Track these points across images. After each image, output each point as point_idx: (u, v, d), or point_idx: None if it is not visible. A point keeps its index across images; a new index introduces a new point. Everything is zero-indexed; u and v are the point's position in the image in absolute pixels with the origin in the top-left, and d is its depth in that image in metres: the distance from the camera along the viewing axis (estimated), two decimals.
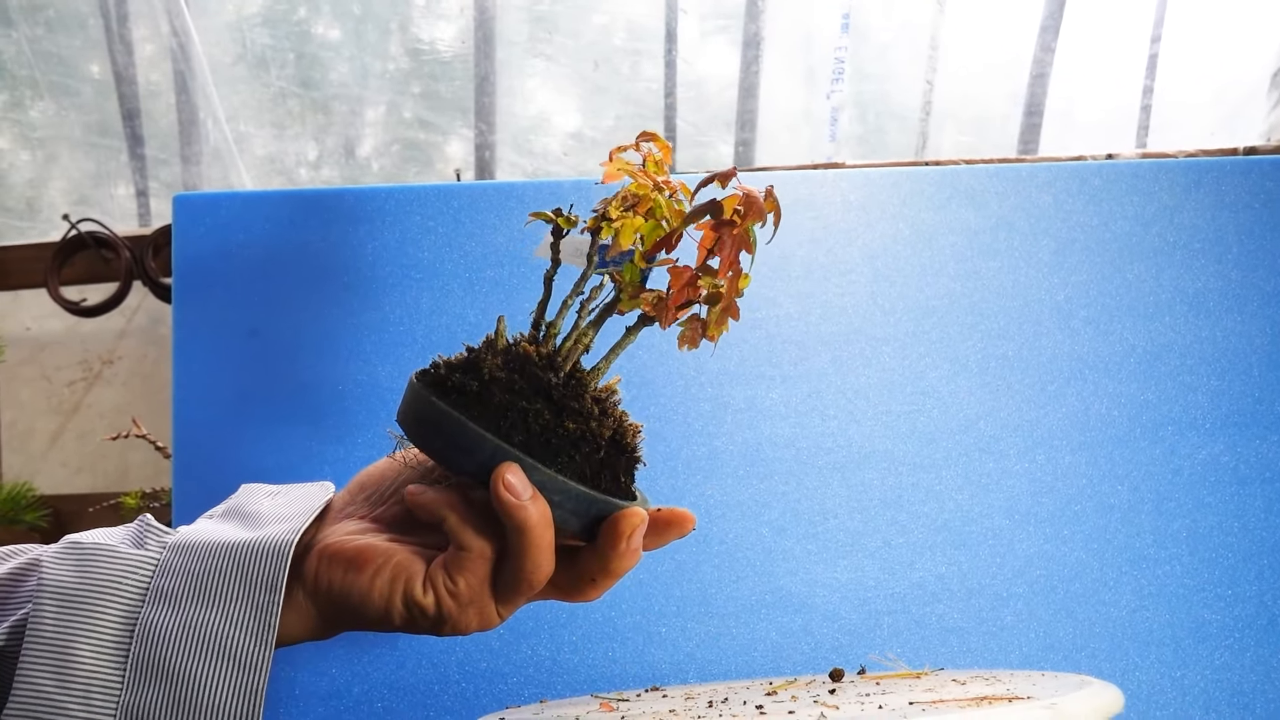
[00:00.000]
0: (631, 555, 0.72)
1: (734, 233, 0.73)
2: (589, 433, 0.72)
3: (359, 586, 0.71)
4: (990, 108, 2.40)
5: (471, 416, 0.70)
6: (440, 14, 2.40)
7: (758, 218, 0.73)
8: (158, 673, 0.67)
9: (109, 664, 0.67)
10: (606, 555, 0.71)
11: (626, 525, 0.71)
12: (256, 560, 0.70)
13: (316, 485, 0.84)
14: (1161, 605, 1.30)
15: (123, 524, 0.78)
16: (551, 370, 0.73)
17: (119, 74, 2.31)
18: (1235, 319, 1.35)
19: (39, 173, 2.43)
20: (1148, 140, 2.39)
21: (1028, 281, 1.36)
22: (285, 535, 0.72)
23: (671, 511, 0.76)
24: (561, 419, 0.71)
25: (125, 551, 0.71)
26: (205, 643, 0.67)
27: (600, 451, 0.72)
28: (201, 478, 1.31)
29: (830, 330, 1.34)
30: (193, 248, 1.35)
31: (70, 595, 0.68)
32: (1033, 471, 1.32)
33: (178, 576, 0.70)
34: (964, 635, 1.28)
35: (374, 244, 1.34)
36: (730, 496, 1.30)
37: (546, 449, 0.71)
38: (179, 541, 0.73)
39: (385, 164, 2.49)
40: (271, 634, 0.68)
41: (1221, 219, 1.37)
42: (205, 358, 1.32)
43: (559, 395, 0.72)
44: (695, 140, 2.38)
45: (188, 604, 0.69)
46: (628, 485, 0.75)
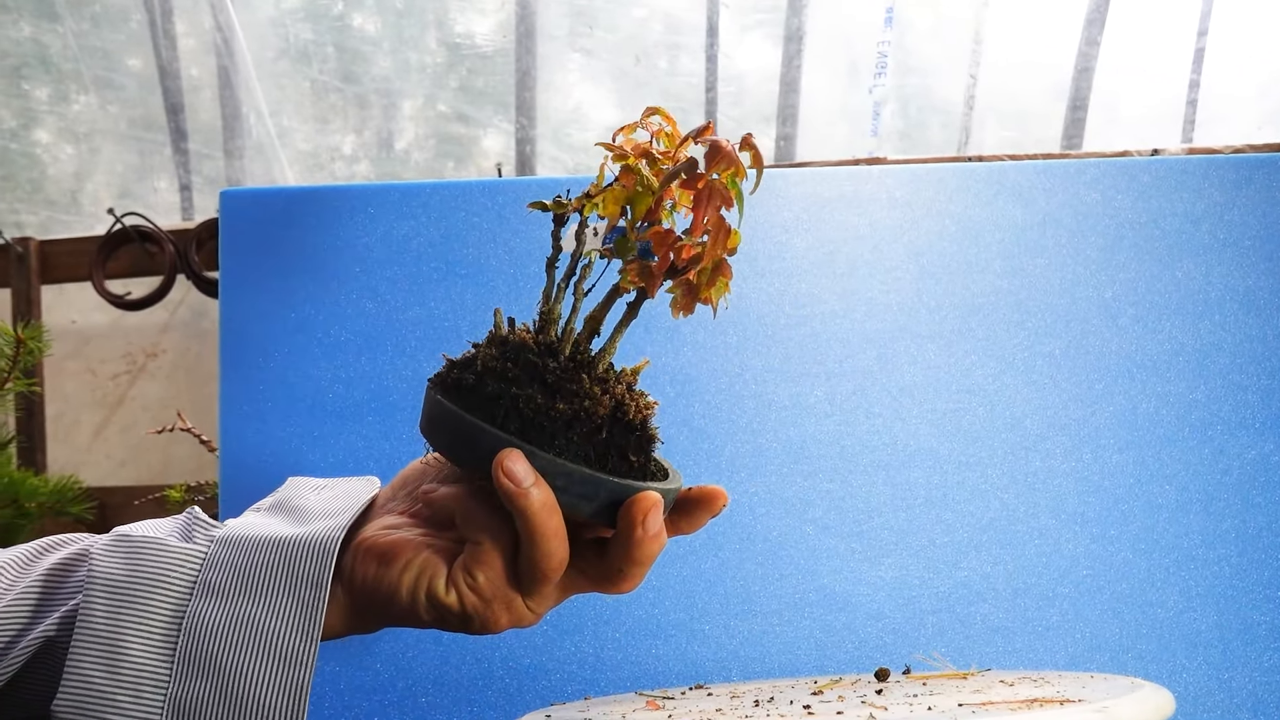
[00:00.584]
0: (651, 541, 0.69)
1: (705, 186, 0.69)
2: (583, 412, 0.69)
3: (388, 581, 0.71)
4: (1034, 102, 2.38)
5: (468, 409, 0.69)
6: (478, 8, 2.40)
7: (728, 167, 0.69)
8: (205, 666, 0.67)
9: (158, 657, 0.68)
10: (627, 541, 0.69)
11: (639, 510, 0.68)
12: (302, 557, 0.71)
13: (362, 480, 0.84)
14: (1209, 606, 1.29)
15: (167, 517, 0.79)
16: (550, 355, 0.71)
17: (163, 68, 2.32)
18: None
19: (82, 166, 2.45)
20: (1194, 135, 2.37)
21: (1074, 279, 1.35)
22: (330, 533, 0.72)
23: (701, 490, 0.74)
24: (554, 401, 0.69)
25: (174, 545, 0.71)
26: (251, 638, 0.68)
27: (601, 431, 0.70)
28: (248, 472, 1.32)
29: (875, 328, 1.34)
30: (239, 243, 1.36)
31: (120, 588, 0.69)
32: (1079, 470, 1.31)
33: (225, 571, 0.70)
34: (1009, 635, 1.27)
35: (418, 240, 1.35)
36: (774, 494, 1.30)
37: (542, 433, 0.69)
38: (226, 535, 0.73)
39: (422, 157, 2.50)
40: (317, 631, 0.68)
41: (1272, 216, 1.35)
42: (252, 353, 1.33)
43: (554, 379, 0.70)
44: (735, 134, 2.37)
45: (235, 598, 0.69)
46: (641, 464, 0.72)
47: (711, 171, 0.68)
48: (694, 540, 1.28)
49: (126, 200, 2.40)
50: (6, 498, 1.77)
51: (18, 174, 2.43)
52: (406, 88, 2.43)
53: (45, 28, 2.35)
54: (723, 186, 0.69)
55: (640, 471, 0.72)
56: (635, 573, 0.71)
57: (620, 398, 0.71)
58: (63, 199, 2.44)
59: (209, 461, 2.21)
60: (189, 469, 2.25)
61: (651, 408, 0.73)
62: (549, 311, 0.74)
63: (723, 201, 0.69)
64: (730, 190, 0.69)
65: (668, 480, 0.73)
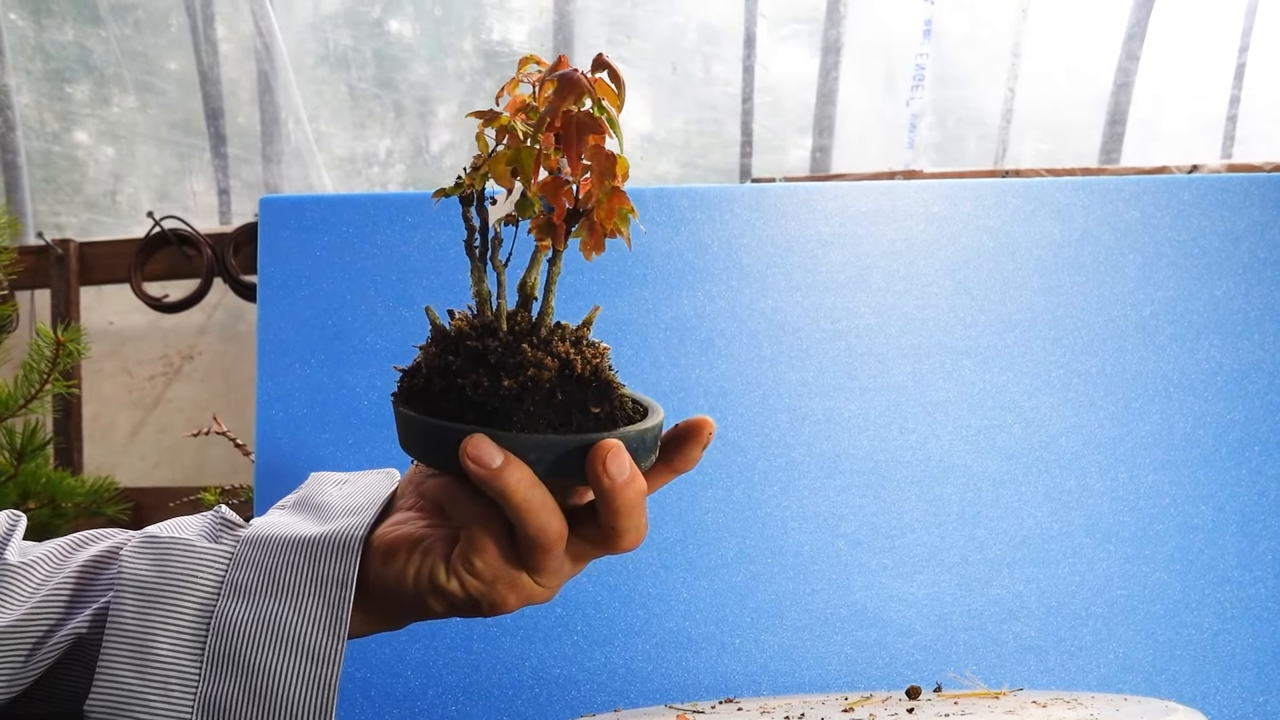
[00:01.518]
0: (623, 488, 0.67)
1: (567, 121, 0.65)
2: (529, 381, 0.67)
3: (394, 575, 0.71)
4: (1072, 116, 2.37)
5: (427, 412, 0.69)
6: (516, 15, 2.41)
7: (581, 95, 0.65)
8: (234, 665, 0.68)
9: (187, 656, 0.68)
10: (599, 494, 0.67)
11: (596, 459, 0.66)
12: (328, 556, 0.71)
13: (382, 473, 0.84)
14: (1245, 628, 1.28)
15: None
16: (489, 335, 0.69)
17: (203, 73, 2.34)
18: None
19: (122, 169, 2.47)
20: (1234, 151, 2.35)
21: (1112, 296, 1.34)
22: (353, 531, 0.72)
23: (685, 423, 0.71)
24: (500, 380, 0.67)
25: (201, 545, 0.72)
26: (279, 636, 0.68)
27: (555, 394, 0.68)
28: (283, 476, 1.33)
29: (910, 343, 1.33)
30: (278, 249, 1.36)
31: (149, 589, 0.70)
32: (1115, 489, 1.30)
33: (252, 570, 0.71)
34: (1041, 654, 1.27)
35: (456, 248, 1.35)
36: (807, 508, 1.30)
37: (498, 414, 0.67)
38: (252, 535, 0.73)
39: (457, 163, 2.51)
40: (343, 629, 0.69)
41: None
42: (289, 359, 1.34)
43: (496, 358, 0.68)
44: (771, 145, 2.37)
45: (262, 598, 0.70)
46: (609, 412, 0.70)
47: (567, 104, 0.65)
48: (726, 553, 1.28)
49: (165, 203, 2.42)
50: (44, 497, 1.78)
51: (58, 176, 2.46)
52: (443, 94, 2.44)
53: (88, 31, 2.37)
54: (586, 116, 0.65)
55: (609, 420, 0.69)
56: (626, 525, 0.69)
57: (565, 355, 0.69)
58: (102, 201, 2.46)
59: (243, 465, 2.22)
60: (223, 471, 2.27)
61: (602, 354, 0.71)
62: (479, 293, 0.72)
63: (590, 131, 0.66)
64: (600, 117, 0.66)
65: (646, 419, 0.71)
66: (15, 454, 1.75)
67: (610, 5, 2.34)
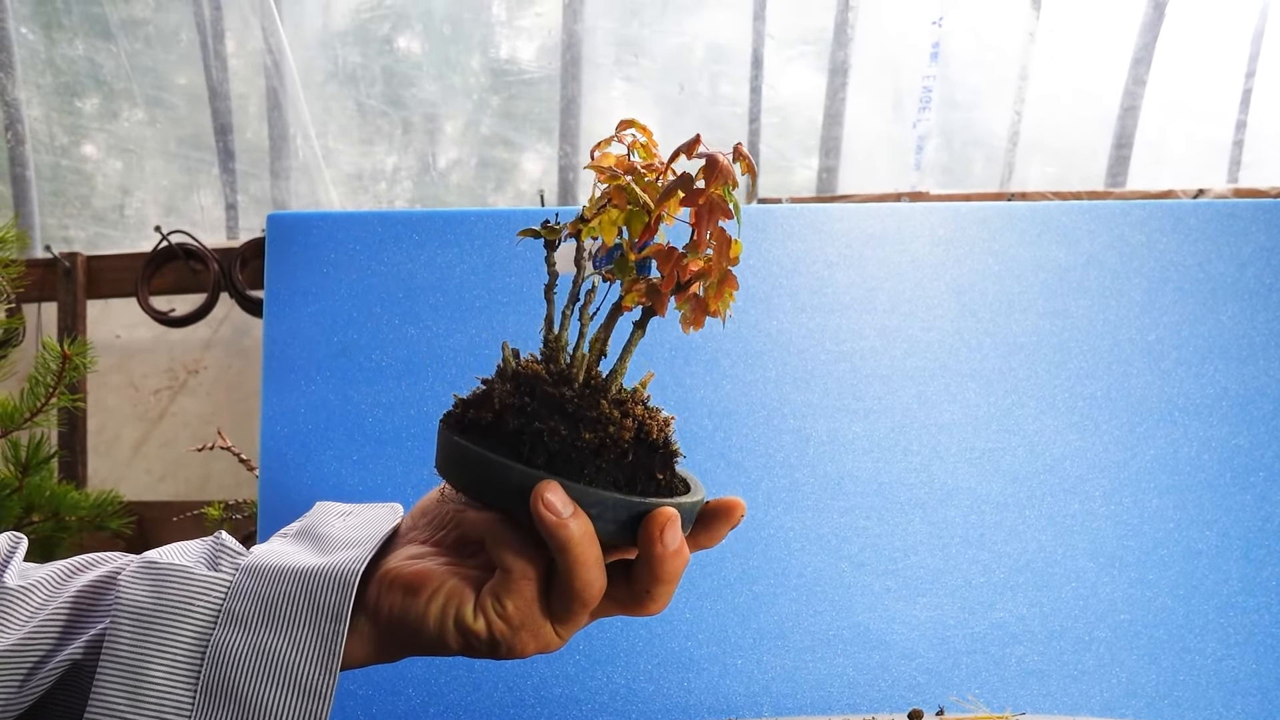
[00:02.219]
0: (673, 557, 0.68)
1: (704, 200, 0.68)
2: (609, 439, 0.69)
3: (415, 611, 0.71)
4: (1079, 139, 2.37)
5: (492, 448, 0.69)
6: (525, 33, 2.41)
7: (723, 180, 0.68)
8: (227, 695, 0.68)
9: (181, 685, 0.68)
10: (648, 559, 0.69)
11: (654, 525, 0.68)
12: (323, 589, 0.71)
13: (386, 508, 0.84)
14: (1248, 654, 1.28)
15: (205, 534, 0.79)
16: (565, 384, 0.71)
17: (212, 89, 2.35)
18: None
19: (130, 183, 2.48)
20: (1239, 175, 2.36)
21: (1118, 321, 1.34)
22: (352, 564, 0.72)
23: (719, 502, 0.72)
24: (579, 431, 0.69)
25: (199, 573, 0.72)
26: (273, 668, 0.68)
27: (628, 455, 0.70)
28: (286, 492, 1.33)
29: (915, 365, 1.33)
30: (285, 266, 1.37)
31: (145, 616, 0.69)
32: (1119, 514, 1.30)
33: (249, 600, 0.71)
34: (1044, 678, 1.26)
35: (462, 266, 1.35)
36: (810, 529, 1.30)
37: (570, 464, 0.69)
38: (251, 564, 0.73)
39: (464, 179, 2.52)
40: (336, 663, 0.68)
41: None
42: (294, 374, 1.34)
43: (574, 408, 0.70)
44: (778, 165, 2.37)
45: (257, 628, 0.70)
46: (668, 481, 0.72)
47: (710, 186, 0.67)
48: (728, 574, 1.28)
49: (173, 218, 2.42)
50: (48, 511, 1.78)
51: (67, 190, 2.46)
52: (450, 110, 2.44)
53: (99, 46, 2.38)
54: (721, 199, 0.68)
55: (668, 489, 0.71)
56: (661, 592, 0.71)
57: (640, 418, 0.71)
58: (111, 215, 2.47)
59: (247, 479, 2.22)
60: (227, 486, 2.27)
61: (669, 423, 0.73)
62: (555, 339, 0.73)
63: (722, 214, 0.68)
64: (728, 201, 0.68)
65: (690, 493, 0.73)
66: (20, 467, 1.76)
67: (618, 25, 2.35)
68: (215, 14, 2.31)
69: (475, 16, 2.39)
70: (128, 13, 2.35)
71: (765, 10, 2.30)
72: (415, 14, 2.39)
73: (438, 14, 2.38)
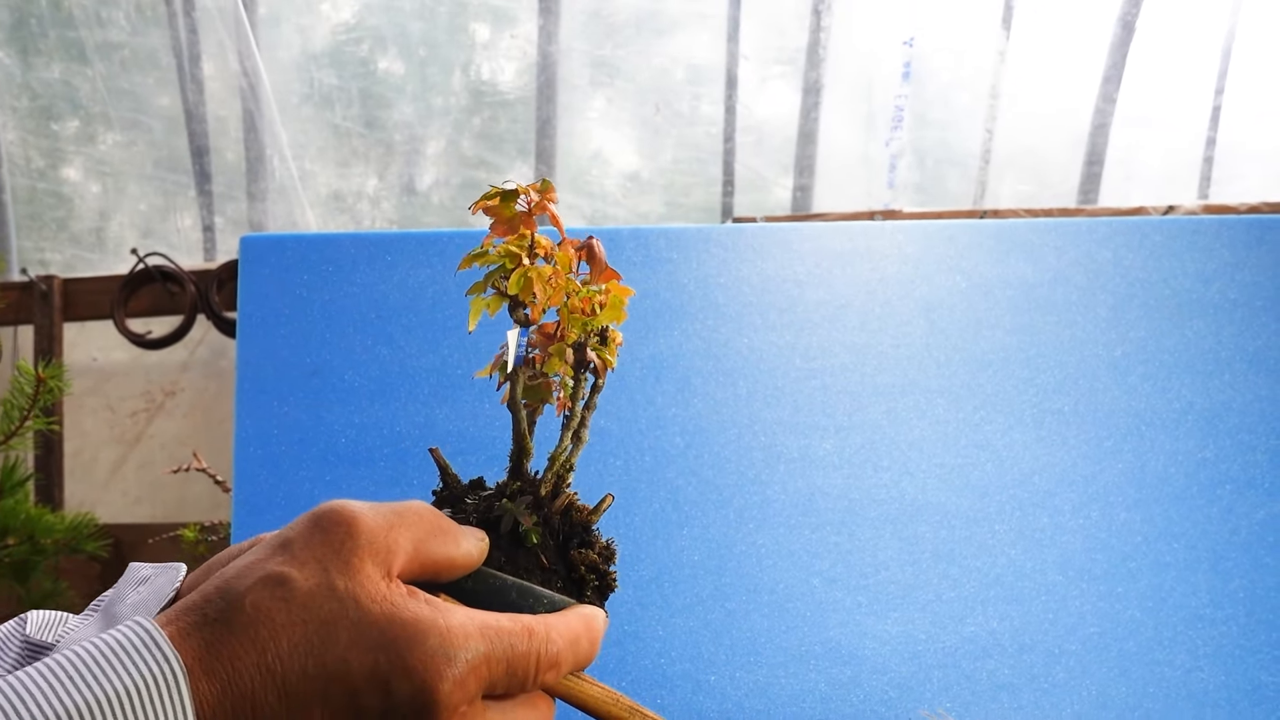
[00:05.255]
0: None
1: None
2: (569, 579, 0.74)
3: None
4: (1050, 157, 2.40)
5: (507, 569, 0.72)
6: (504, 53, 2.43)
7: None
8: None
9: None
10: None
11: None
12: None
13: (171, 572, 0.78)
14: (1217, 666, 1.29)
15: (181, 556, 0.76)
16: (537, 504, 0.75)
17: (189, 111, 2.36)
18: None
19: (107, 206, 2.49)
20: (1209, 191, 2.38)
21: (1085, 337, 1.35)
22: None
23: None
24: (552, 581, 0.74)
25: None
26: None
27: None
28: (260, 514, 1.33)
29: (885, 381, 1.34)
30: (258, 288, 1.37)
31: None
32: (1087, 528, 1.31)
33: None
34: (1015, 692, 1.27)
35: (435, 288, 1.36)
36: (781, 546, 1.31)
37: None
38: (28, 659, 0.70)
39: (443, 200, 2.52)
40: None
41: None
42: (267, 396, 1.35)
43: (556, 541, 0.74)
44: (753, 184, 2.39)
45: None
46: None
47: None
48: (701, 591, 1.29)
49: (150, 240, 2.43)
50: (23, 534, 1.78)
51: (44, 213, 2.47)
52: (429, 132, 2.46)
53: (75, 70, 2.39)
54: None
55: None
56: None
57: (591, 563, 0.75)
58: (87, 238, 2.47)
59: (224, 501, 2.22)
60: (204, 508, 2.27)
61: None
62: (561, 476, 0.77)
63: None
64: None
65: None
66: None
67: (593, 46, 2.37)
68: (191, 37, 2.32)
69: (451, 38, 2.41)
70: (104, 36, 2.35)
71: (739, 31, 2.32)
72: (391, 36, 2.40)
73: (414, 36, 2.39)
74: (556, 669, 0.68)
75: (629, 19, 2.37)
